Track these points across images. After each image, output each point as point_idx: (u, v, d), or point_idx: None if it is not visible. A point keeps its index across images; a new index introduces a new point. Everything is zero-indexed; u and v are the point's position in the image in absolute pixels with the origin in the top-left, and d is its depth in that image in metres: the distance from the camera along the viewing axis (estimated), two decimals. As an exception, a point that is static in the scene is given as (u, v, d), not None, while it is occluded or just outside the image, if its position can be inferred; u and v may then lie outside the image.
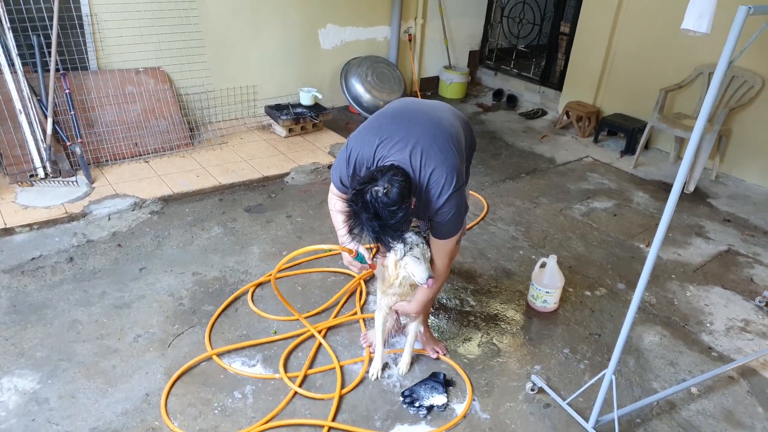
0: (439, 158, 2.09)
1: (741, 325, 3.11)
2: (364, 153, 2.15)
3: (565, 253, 3.66)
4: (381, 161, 2.11)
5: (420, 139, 2.10)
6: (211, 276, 3.20)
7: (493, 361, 2.74)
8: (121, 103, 4.41)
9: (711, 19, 2.40)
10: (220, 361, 2.60)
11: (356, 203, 1.97)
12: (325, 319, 2.94)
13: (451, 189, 2.09)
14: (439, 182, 2.08)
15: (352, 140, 2.21)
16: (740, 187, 4.77)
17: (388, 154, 2.10)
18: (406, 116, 2.21)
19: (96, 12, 4.24)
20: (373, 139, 2.14)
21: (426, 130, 2.14)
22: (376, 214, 1.95)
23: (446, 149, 2.12)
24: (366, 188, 1.95)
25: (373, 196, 1.94)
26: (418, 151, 2.08)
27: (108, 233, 3.50)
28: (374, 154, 2.13)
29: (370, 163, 2.14)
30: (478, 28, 6.88)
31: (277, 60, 5.34)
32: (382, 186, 1.93)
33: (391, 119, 2.21)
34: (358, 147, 2.17)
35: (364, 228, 2.02)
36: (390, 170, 1.98)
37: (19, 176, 3.87)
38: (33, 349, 2.60)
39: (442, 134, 2.15)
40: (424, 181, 2.09)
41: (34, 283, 3.02)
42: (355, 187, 1.99)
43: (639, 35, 5.23)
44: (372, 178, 1.97)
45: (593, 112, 5.63)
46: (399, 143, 2.10)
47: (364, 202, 1.95)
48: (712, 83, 1.71)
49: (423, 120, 2.18)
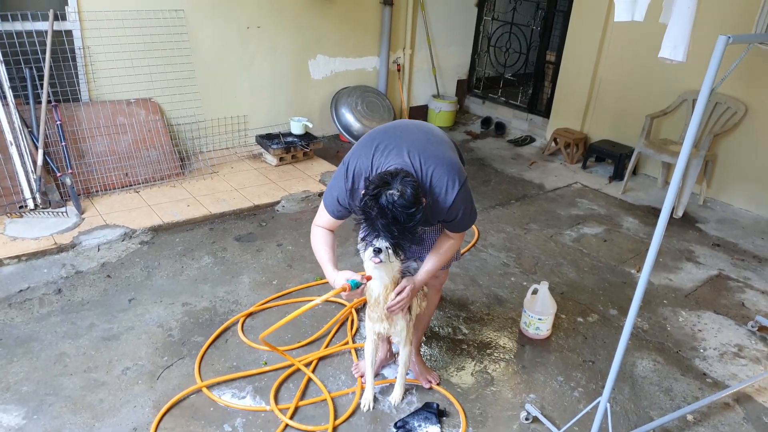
0: (437, 158, 2.11)
1: (734, 351, 3.10)
2: (361, 163, 2.16)
3: (556, 279, 3.66)
4: (379, 168, 2.11)
5: (414, 143, 2.14)
6: (201, 306, 3.17)
7: (486, 390, 2.72)
8: (112, 134, 4.41)
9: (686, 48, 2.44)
10: (210, 394, 2.56)
11: (372, 209, 1.94)
12: (316, 348, 2.91)
13: (457, 185, 2.10)
14: (442, 180, 2.09)
15: (348, 156, 2.23)
16: (728, 211, 4.82)
17: (385, 161, 2.11)
18: (397, 129, 2.26)
19: (88, 45, 4.28)
20: (368, 150, 2.16)
21: (419, 136, 2.19)
22: (394, 218, 1.93)
23: (441, 150, 2.16)
24: (380, 192, 1.93)
25: (389, 200, 1.91)
26: (415, 153, 2.10)
27: (97, 264, 3.47)
28: (372, 163, 2.14)
29: (368, 173, 2.14)
30: (465, 58, 6.99)
31: (267, 90, 5.39)
32: (396, 189, 1.92)
33: (384, 132, 2.24)
34: (354, 159, 2.18)
35: (380, 234, 2.01)
36: (399, 173, 1.97)
37: (9, 207, 3.85)
38: (19, 383, 2.55)
39: (434, 139, 2.21)
40: (427, 181, 2.09)
41: (21, 316, 2.97)
42: (368, 192, 1.96)
43: (623, 63, 5.34)
44: (384, 182, 1.94)
45: (581, 138, 5.70)
46: (394, 149, 2.12)
47: (380, 208, 1.92)
48: (696, 110, 1.74)
49: (414, 130, 2.24)
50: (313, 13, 5.40)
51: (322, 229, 2.32)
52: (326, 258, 2.25)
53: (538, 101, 6.51)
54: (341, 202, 2.22)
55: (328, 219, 2.29)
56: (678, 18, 2.41)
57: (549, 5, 6.18)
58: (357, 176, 2.17)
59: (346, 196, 2.20)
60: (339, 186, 2.20)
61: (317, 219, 2.33)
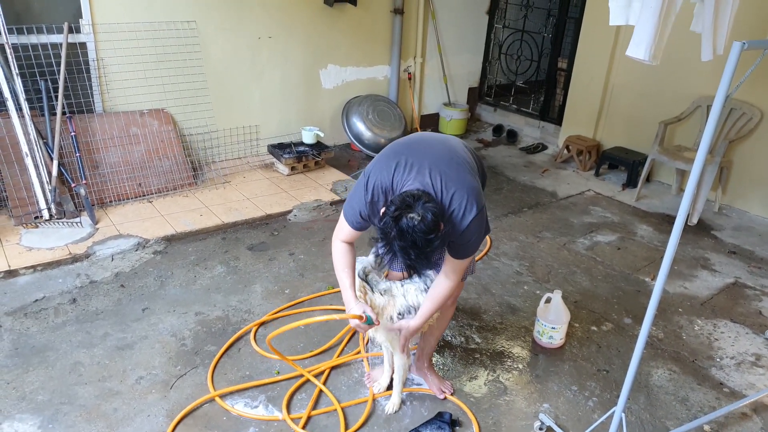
0: (458, 181, 2.09)
1: (752, 360, 3.06)
2: (382, 178, 2.14)
3: (569, 287, 3.63)
4: (400, 186, 2.10)
5: (436, 162, 2.11)
6: (213, 315, 3.18)
7: (500, 400, 2.69)
8: (125, 145, 4.46)
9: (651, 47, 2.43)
10: (223, 403, 2.56)
11: (391, 230, 1.94)
12: (329, 358, 2.90)
13: (474, 211, 2.09)
14: (462, 205, 2.07)
15: (370, 168, 2.21)
16: (744, 218, 4.76)
17: (407, 178, 2.09)
18: (421, 144, 2.23)
19: (102, 57, 4.33)
20: (390, 164, 2.14)
21: (442, 154, 2.16)
22: (414, 243, 1.93)
23: (463, 172, 2.13)
24: (401, 214, 1.92)
25: (409, 223, 1.91)
26: (436, 174, 2.08)
27: (111, 274, 3.49)
28: (392, 179, 2.12)
29: (388, 188, 2.13)
30: (476, 66, 7.00)
31: (279, 100, 5.42)
32: (417, 213, 1.91)
33: (406, 146, 2.22)
34: (375, 173, 2.16)
35: (397, 256, 2.00)
36: (422, 197, 1.96)
37: (24, 218, 3.89)
38: (34, 392, 2.57)
39: (457, 159, 2.17)
40: (446, 204, 2.08)
41: (37, 325, 3.00)
42: (388, 213, 1.95)
43: (636, 69, 5.30)
44: (406, 204, 1.93)
45: (593, 145, 5.67)
46: (416, 167, 2.10)
47: (399, 230, 1.92)
48: (711, 116, 1.72)
49: (437, 147, 2.21)
50: (324, 23, 5.43)
51: (343, 245, 2.30)
52: (348, 282, 2.26)
53: (550, 108, 6.48)
54: (362, 215, 2.20)
55: (348, 231, 2.27)
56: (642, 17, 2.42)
57: (560, 12, 6.17)
58: (377, 190, 2.15)
59: (365, 208, 2.18)
60: (359, 198, 2.19)
61: (338, 232, 2.31)
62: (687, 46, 4.62)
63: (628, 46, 2.54)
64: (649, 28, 2.40)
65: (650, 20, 2.39)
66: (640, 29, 2.44)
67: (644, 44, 2.44)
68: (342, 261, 2.28)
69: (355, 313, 2.17)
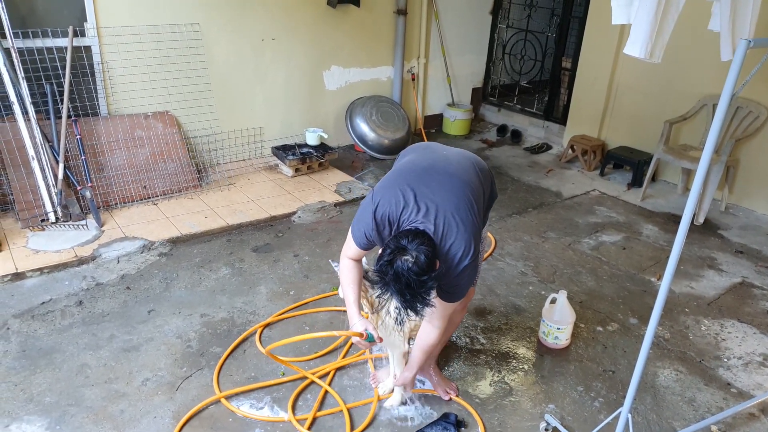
0: (460, 229, 2.11)
1: (759, 360, 3.04)
2: (390, 211, 2.15)
3: (575, 288, 3.62)
4: (406, 224, 2.12)
5: (444, 205, 2.12)
6: (219, 317, 3.18)
7: (505, 401, 2.69)
8: (130, 147, 4.48)
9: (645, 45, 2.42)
10: (229, 404, 2.57)
11: (386, 274, 1.98)
12: (334, 358, 2.90)
13: (468, 260, 2.12)
14: (458, 253, 2.10)
15: (379, 193, 2.20)
16: (751, 217, 4.73)
17: (414, 219, 2.11)
18: (433, 178, 2.21)
19: (107, 60, 4.35)
20: (398, 198, 2.14)
21: (451, 198, 2.16)
22: (408, 284, 1.95)
23: (468, 219, 2.14)
24: (395, 259, 1.95)
25: (403, 266, 1.94)
26: (441, 220, 2.10)
27: (117, 276, 3.51)
28: (400, 216, 2.14)
29: (395, 221, 2.15)
30: (480, 66, 6.99)
31: (282, 102, 5.43)
32: (411, 255, 1.94)
33: (418, 179, 2.21)
34: (384, 204, 2.16)
35: (394, 296, 2.04)
36: (416, 238, 1.98)
37: (31, 221, 3.91)
38: (41, 394, 2.58)
39: (465, 202, 2.17)
40: (444, 250, 2.10)
41: (44, 328, 3.01)
42: (384, 256, 1.98)
43: (641, 68, 5.29)
44: (401, 247, 1.96)
45: (598, 145, 5.66)
46: (423, 210, 2.11)
47: (395, 274, 1.95)
48: (717, 115, 1.71)
49: (448, 186, 2.19)
50: (327, 24, 5.44)
51: (350, 261, 2.32)
52: (352, 299, 2.29)
53: (554, 108, 6.47)
54: (368, 237, 2.22)
55: (356, 250, 2.29)
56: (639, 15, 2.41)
57: (564, 12, 6.16)
58: (383, 220, 2.16)
59: (371, 233, 2.20)
60: (367, 222, 2.19)
61: (346, 250, 2.33)
62: (692, 45, 4.62)
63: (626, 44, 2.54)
64: (645, 26, 2.40)
65: (646, 17, 2.39)
66: (636, 27, 2.44)
67: (640, 42, 2.44)
68: (348, 277, 2.32)
69: (357, 331, 2.23)
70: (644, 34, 2.41)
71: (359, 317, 2.28)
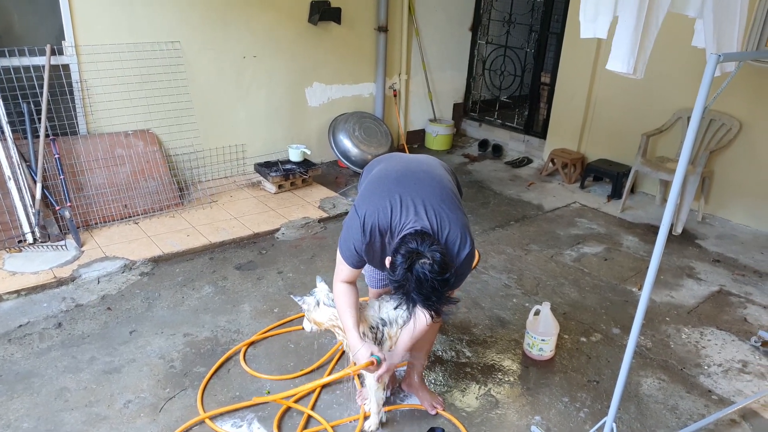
0: (451, 219, 2.13)
1: (739, 367, 3.08)
2: (380, 220, 2.13)
3: (558, 299, 3.65)
4: (401, 228, 2.10)
5: (429, 199, 2.14)
6: (202, 336, 3.15)
7: (492, 413, 2.69)
8: (110, 166, 4.44)
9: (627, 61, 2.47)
10: (213, 425, 2.53)
11: (408, 282, 1.96)
12: (319, 376, 2.88)
13: (467, 247, 2.13)
14: (456, 243, 2.12)
15: (362, 207, 2.17)
16: (727, 227, 4.82)
17: (406, 220, 2.10)
18: (408, 178, 2.23)
19: (86, 78, 4.32)
20: (384, 205, 2.14)
21: (432, 190, 2.18)
22: (433, 287, 1.94)
23: (453, 207, 2.16)
24: (412, 264, 1.94)
25: (424, 269, 1.93)
26: (432, 212, 2.11)
27: (97, 297, 3.46)
28: (391, 222, 2.12)
29: (386, 230, 2.13)
30: (461, 81, 7.07)
31: (265, 118, 5.44)
32: (427, 257, 1.94)
33: (395, 182, 2.22)
34: (371, 214, 2.14)
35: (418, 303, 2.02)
36: (424, 239, 1.99)
37: (8, 242, 3.85)
38: (19, 420, 2.52)
39: (447, 195, 2.20)
40: (443, 242, 2.11)
41: (21, 351, 2.95)
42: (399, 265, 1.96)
43: (618, 82, 5.38)
44: (414, 252, 1.96)
45: (578, 158, 5.74)
46: (412, 208, 2.11)
47: (417, 280, 1.94)
48: (690, 127, 1.76)
49: (425, 180, 2.23)
50: (309, 42, 5.47)
51: (344, 285, 2.28)
52: (351, 324, 2.25)
53: (534, 123, 6.56)
54: (359, 252, 2.19)
55: (348, 271, 2.26)
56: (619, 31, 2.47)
57: (542, 28, 6.27)
58: (374, 232, 2.14)
59: (363, 249, 2.17)
60: (355, 238, 2.16)
61: (338, 274, 2.29)
62: (667, 60, 4.72)
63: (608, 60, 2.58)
64: (626, 41, 2.45)
65: (626, 33, 2.44)
66: (618, 43, 2.49)
67: (622, 57, 2.49)
68: (344, 302, 2.27)
69: (365, 362, 2.19)
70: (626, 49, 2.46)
71: (361, 342, 2.24)
